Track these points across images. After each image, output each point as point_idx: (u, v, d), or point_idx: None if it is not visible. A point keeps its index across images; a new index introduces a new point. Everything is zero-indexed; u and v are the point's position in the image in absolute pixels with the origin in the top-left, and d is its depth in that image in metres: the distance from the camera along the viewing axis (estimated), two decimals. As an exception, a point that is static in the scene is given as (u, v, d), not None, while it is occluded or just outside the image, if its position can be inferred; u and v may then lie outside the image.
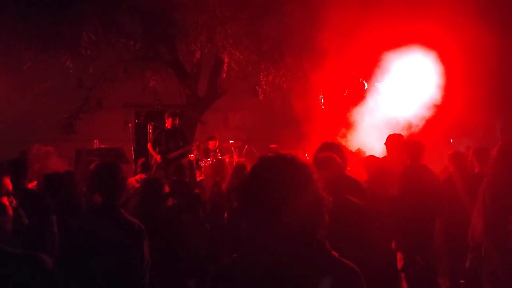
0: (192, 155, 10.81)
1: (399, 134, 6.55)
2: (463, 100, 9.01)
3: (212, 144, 11.41)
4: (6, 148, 11.89)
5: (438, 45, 8.83)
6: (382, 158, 6.65)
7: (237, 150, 12.63)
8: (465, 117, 10.54)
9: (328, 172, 4.16)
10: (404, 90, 9.26)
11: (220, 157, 11.05)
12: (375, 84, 9.98)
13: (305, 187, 1.77)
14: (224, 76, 11.67)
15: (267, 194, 1.75)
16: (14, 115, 13.02)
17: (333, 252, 1.82)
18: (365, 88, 10.37)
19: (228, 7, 10.48)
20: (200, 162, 11.05)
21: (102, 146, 11.76)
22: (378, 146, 7.12)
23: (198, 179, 10.13)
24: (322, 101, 11.37)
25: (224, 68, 11.27)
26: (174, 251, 4.96)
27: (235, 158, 11.71)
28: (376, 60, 9.29)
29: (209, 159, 11.03)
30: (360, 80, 10.54)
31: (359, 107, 9.49)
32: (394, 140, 6.24)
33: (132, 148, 12.27)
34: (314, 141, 10.23)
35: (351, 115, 9.38)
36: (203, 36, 10.65)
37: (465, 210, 5.54)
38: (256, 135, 14.60)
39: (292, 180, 1.77)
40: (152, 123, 11.92)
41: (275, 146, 12.32)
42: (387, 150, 6.34)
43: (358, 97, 10.02)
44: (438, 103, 8.79)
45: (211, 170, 7.75)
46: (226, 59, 11.00)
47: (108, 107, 14.36)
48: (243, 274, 1.77)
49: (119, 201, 3.50)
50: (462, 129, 13.15)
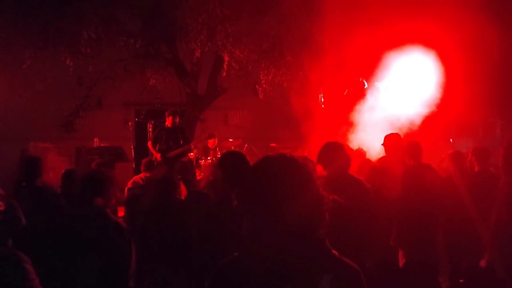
0: (192, 153, 10.81)
1: (397, 134, 6.53)
2: (463, 99, 9.01)
3: (211, 143, 11.41)
4: (7, 146, 11.93)
5: (438, 44, 8.83)
6: (380, 158, 6.66)
7: (237, 148, 12.62)
8: (465, 116, 10.55)
9: (330, 171, 4.18)
10: (404, 89, 9.26)
11: (219, 155, 11.04)
12: (375, 83, 9.98)
13: (305, 186, 1.78)
14: (224, 74, 11.67)
15: (268, 192, 1.76)
16: (14, 113, 13.04)
17: (333, 251, 1.83)
18: (365, 87, 10.38)
19: (228, 5, 10.46)
20: (200, 161, 11.04)
21: (102, 145, 11.77)
22: (378, 145, 7.12)
23: (198, 177, 10.12)
24: (322, 100, 11.38)
25: (224, 66, 11.27)
26: (185, 249, 4.97)
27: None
28: (376, 59, 9.29)
29: (209, 158, 11.02)
30: (360, 79, 10.55)
31: (359, 106, 9.49)
32: (391, 139, 6.24)
33: (132, 147, 12.27)
34: (314, 140, 10.29)
35: (351, 114, 9.38)
36: (203, 35, 10.64)
37: (465, 209, 5.54)
38: (256, 134, 14.60)
39: (292, 179, 1.78)
40: (152, 122, 11.92)
41: (275, 145, 12.33)
42: (385, 150, 6.34)
43: (358, 96, 10.02)
44: (438, 102, 8.80)
45: (209, 170, 7.74)
46: (226, 58, 10.99)
47: (108, 106, 14.41)
48: (243, 272, 1.78)
49: (108, 202, 3.53)
50: (462, 128, 13.16)
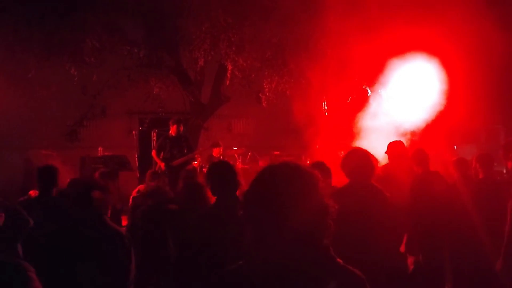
0: (195, 162, 10.81)
1: (400, 141, 6.52)
2: (466, 106, 9.00)
3: (216, 151, 11.40)
4: (11, 154, 11.95)
5: (441, 51, 8.83)
6: (383, 166, 6.65)
7: (240, 157, 12.63)
8: (468, 123, 10.53)
9: (353, 179, 4.19)
10: (407, 96, 9.25)
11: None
12: (379, 91, 9.98)
13: (310, 194, 1.78)
14: (227, 83, 11.71)
15: (273, 199, 1.76)
16: (18, 122, 13.07)
17: (337, 259, 1.83)
18: (368, 94, 10.37)
19: (232, 14, 10.51)
20: (204, 169, 11.03)
21: (106, 154, 11.79)
22: (381, 153, 7.11)
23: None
24: (326, 108, 11.38)
25: (228, 75, 11.31)
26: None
27: (239, 165, 11.69)
28: (379, 66, 9.30)
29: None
30: (363, 86, 10.55)
31: (362, 114, 9.48)
32: (395, 147, 6.24)
33: (136, 156, 12.30)
34: (318, 148, 10.28)
35: (355, 122, 9.37)
36: (207, 44, 10.68)
37: (469, 216, 5.52)
38: (259, 142, 14.61)
39: (297, 186, 1.78)
40: (156, 130, 11.95)
41: (278, 153, 12.34)
42: (389, 158, 6.33)
43: (361, 103, 10.02)
44: (441, 109, 8.79)
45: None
46: (230, 66, 11.03)
47: (112, 115, 14.45)
48: (247, 280, 1.77)
49: (106, 209, 3.56)
50: (465, 135, 13.13)
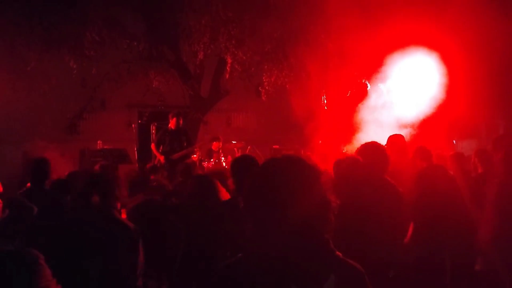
0: (195, 155, 10.81)
1: (400, 135, 6.52)
2: (466, 100, 9.00)
3: (215, 145, 11.41)
4: (10, 147, 11.97)
5: (440, 45, 8.82)
6: None
7: (240, 150, 12.64)
8: (468, 118, 10.52)
9: (364, 173, 4.22)
10: (407, 90, 9.25)
11: (223, 158, 11.06)
12: (378, 85, 9.97)
13: (311, 187, 1.79)
14: (227, 76, 11.69)
15: (274, 192, 1.76)
16: (18, 114, 13.05)
17: (337, 252, 1.83)
18: (368, 88, 10.37)
19: (231, 8, 10.48)
20: (203, 163, 11.05)
21: (105, 147, 11.79)
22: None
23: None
24: (325, 101, 11.38)
25: (227, 68, 11.29)
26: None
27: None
28: (379, 61, 9.29)
29: (212, 160, 11.03)
30: (363, 80, 10.54)
31: (362, 108, 9.48)
32: (394, 140, 6.23)
33: (135, 149, 12.29)
34: (317, 142, 10.29)
35: (354, 115, 9.38)
36: (206, 37, 10.66)
37: (469, 210, 5.53)
38: (259, 136, 14.62)
39: (298, 180, 1.78)
40: (155, 124, 11.95)
41: (277, 147, 12.34)
42: (388, 151, 6.33)
43: (361, 97, 10.02)
44: (441, 104, 8.79)
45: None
46: (229, 60, 11.01)
47: (111, 108, 14.44)
48: (247, 273, 1.78)
49: (114, 202, 3.53)
50: (465, 130, 13.14)
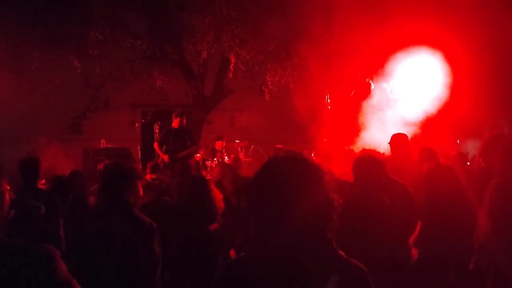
0: (198, 155, 10.82)
1: (403, 134, 6.52)
2: (469, 100, 8.98)
3: (219, 145, 11.41)
4: (14, 147, 12.00)
5: (444, 45, 8.81)
6: (387, 157, 6.63)
7: (243, 150, 12.64)
8: (472, 117, 10.51)
9: (372, 173, 4.23)
10: (410, 90, 9.24)
11: (226, 157, 11.06)
12: (382, 84, 9.97)
13: (314, 187, 1.78)
14: (230, 76, 11.69)
15: (277, 192, 1.76)
16: (22, 114, 13.10)
17: (340, 252, 1.83)
18: (371, 88, 10.36)
19: (235, 7, 10.48)
20: (206, 162, 11.06)
21: (109, 146, 11.82)
22: (384, 146, 7.11)
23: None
24: (329, 101, 11.38)
25: (231, 68, 11.29)
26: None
27: (242, 159, 11.71)
28: (382, 60, 9.29)
29: (215, 159, 11.04)
30: (366, 80, 10.54)
31: (365, 107, 9.48)
32: (398, 139, 6.23)
33: (138, 148, 12.31)
34: (321, 141, 10.29)
35: (358, 115, 9.38)
36: (210, 36, 10.67)
37: (474, 211, 5.52)
38: (262, 135, 14.62)
39: (302, 179, 1.78)
40: (159, 123, 11.96)
41: (280, 146, 12.33)
42: (392, 149, 6.33)
43: (364, 97, 10.01)
44: (445, 104, 8.78)
45: (217, 170, 7.76)
46: (233, 59, 11.02)
47: (115, 107, 14.42)
48: (249, 272, 1.78)
49: (130, 199, 3.53)
50: (469, 129, 13.11)
